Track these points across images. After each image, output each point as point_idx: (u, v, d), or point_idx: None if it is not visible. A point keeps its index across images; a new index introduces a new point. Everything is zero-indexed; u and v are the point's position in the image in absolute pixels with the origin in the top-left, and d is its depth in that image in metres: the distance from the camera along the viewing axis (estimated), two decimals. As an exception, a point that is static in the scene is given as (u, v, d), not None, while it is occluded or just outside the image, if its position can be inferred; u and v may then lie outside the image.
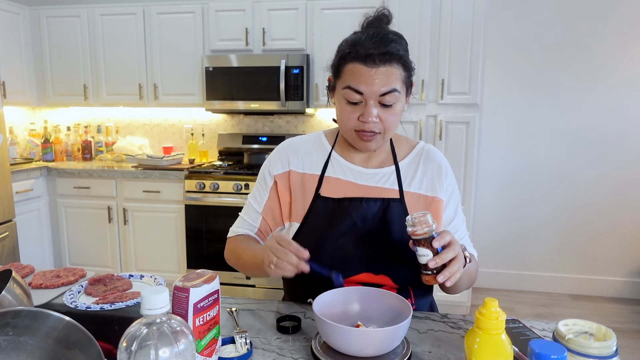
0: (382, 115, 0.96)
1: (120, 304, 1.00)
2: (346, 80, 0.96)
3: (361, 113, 0.96)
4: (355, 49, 0.94)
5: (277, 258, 0.86)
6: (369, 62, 0.92)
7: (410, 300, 1.05)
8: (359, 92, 0.94)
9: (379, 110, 0.95)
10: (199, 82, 3.23)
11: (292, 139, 1.16)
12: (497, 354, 0.64)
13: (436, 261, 0.81)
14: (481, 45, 2.67)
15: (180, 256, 3.11)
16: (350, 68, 0.95)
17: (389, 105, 0.95)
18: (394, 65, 0.93)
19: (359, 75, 0.93)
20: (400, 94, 0.96)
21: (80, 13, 3.34)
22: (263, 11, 3.08)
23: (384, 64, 0.92)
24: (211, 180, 2.93)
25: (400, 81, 0.95)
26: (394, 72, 0.93)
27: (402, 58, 0.95)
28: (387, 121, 0.97)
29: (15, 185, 2.91)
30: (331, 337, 0.78)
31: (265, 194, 1.13)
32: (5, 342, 0.65)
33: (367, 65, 0.92)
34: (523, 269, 3.32)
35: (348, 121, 0.98)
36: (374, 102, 0.94)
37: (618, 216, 3.15)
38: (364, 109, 0.95)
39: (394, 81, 0.93)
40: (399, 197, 1.04)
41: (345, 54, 0.96)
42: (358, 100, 0.95)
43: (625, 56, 3.02)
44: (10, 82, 3.23)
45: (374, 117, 0.95)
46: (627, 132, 3.08)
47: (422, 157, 1.10)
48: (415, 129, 2.80)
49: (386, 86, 0.93)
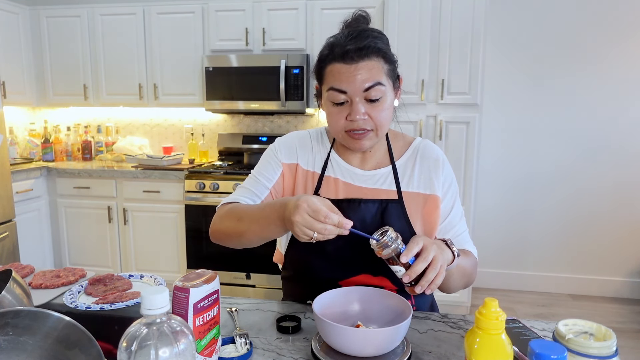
0: (371, 112, 0.94)
1: (120, 304, 1.00)
2: (329, 82, 0.95)
3: (348, 112, 0.95)
4: (332, 50, 0.94)
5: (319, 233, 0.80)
6: (348, 60, 0.92)
7: (410, 301, 1.05)
8: (342, 92, 0.93)
9: (366, 107, 0.94)
10: (199, 82, 3.23)
11: (298, 132, 1.14)
12: (497, 354, 0.64)
13: (409, 275, 0.80)
14: (481, 45, 2.67)
15: (180, 256, 3.11)
16: (331, 69, 0.95)
17: (376, 99, 0.94)
18: (373, 59, 0.92)
19: (339, 74, 0.93)
20: (385, 87, 0.94)
21: (80, 13, 3.34)
22: (263, 11, 3.08)
23: (363, 58, 0.91)
24: (211, 180, 2.93)
25: (384, 74, 0.94)
26: (375, 66, 0.92)
27: (382, 50, 0.94)
28: (376, 117, 0.95)
29: (15, 185, 2.91)
30: (331, 337, 0.78)
31: (274, 174, 1.07)
32: (5, 342, 0.65)
33: (346, 63, 0.92)
34: (523, 269, 3.32)
35: (337, 123, 0.97)
36: (360, 99, 0.93)
37: (618, 216, 3.15)
38: (351, 107, 0.94)
39: (376, 75, 0.92)
40: (398, 198, 1.03)
41: (324, 56, 0.96)
42: (343, 100, 0.94)
43: (625, 56, 3.02)
44: (10, 82, 3.23)
45: (361, 115, 0.93)
46: (627, 132, 3.08)
47: (419, 153, 1.08)
48: (415, 129, 2.80)
49: (368, 81, 0.92)
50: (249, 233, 0.95)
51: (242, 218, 0.96)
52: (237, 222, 0.97)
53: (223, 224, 1.01)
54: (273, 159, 1.09)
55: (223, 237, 1.02)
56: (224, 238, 1.03)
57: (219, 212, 1.05)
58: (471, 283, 1.04)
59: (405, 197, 1.03)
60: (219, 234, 1.03)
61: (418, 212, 1.04)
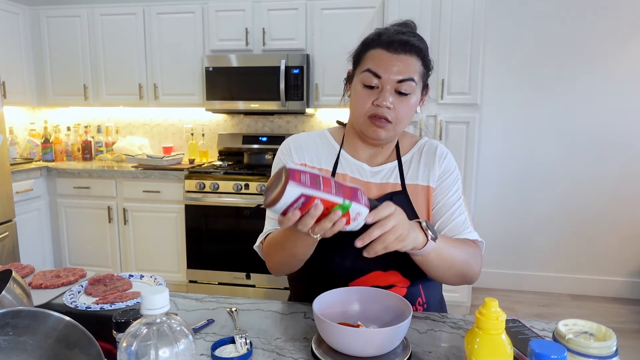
0: (397, 104, 0.97)
1: (120, 304, 1.00)
2: (367, 64, 0.99)
3: (376, 98, 0.98)
4: (379, 37, 0.99)
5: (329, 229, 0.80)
6: (392, 49, 0.96)
7: (420, 299, 1.06)
8: (377, 76, 0.97)
9: (394, 98, 0.97)
10: (199, 82, 3.23)
11: (297, 135, 1.14)
12: (497, 354, 0.64)
13: (363, 239, 0.77)
14: (481, 45, 2.67)
15: (180, 256, 3.11)
16: (372, 53, 0.98)
17: (405, 94, 0.97)
18: (413, 56, 0.97)
19: (379, 59, 0.97)
20: (416, 86, 0.98)
21: (80, 13, 3.34)
22: (263, 11, 3.08)
23: (405, 52, 0.96)
24: (211, 180, 2.93)
25: (418, 74, 0.98)
26: (413, 63, 0.97)
27: (422, 52, 0.99)
28: (400, 111, 0.98)
29: (15, 185, 2.91)
30: (331, 337, 0.78)
31: None
32: (5, 342, 0.65)
33: (388, 51, 0.96)
34: (523, 269, 3.32)
35: (363, 105, 0.99)
36: (391, 89, 0.97)
37: (618, 216, 3.15)
38: (380, 94, 0.97)
39: (412, 71, 0.97)
40: (402, 190, 1.05)
41: (370, 41, 1.00)
42: (375, 84, 0.97)
43: (625, 55, 3.02)
44: (10, 82, 3.23)
45: (389, 103, 0.96)
46: (627, 131, 3.08)
47: (424, 150, 1.11)
48: (416, 129, 2.80)
49: (404, 74, 0.96)
50: (299, 253, 0.94)
51: (284, 245, 0.95)
52: (283, 251, 0.96)
53: (274, 260, 1.01)
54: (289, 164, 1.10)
55: (283, 267, 1.02)
56: (285, 269, 1.02)
57: (264, 250, 1.04)
58: (470, 276, 1.00)
59: (409, 190, 1.06)
60: (279, 269, 1.03)
61: (421, 203, 1.06)
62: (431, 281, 1.08)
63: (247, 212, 2.88)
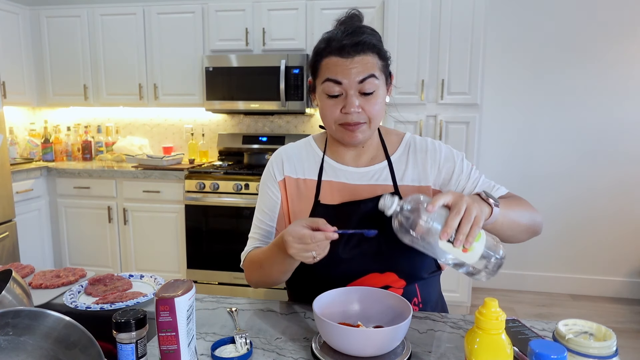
0: (364, 105, 0.98)
1: (120, 304, 1.00)
2: (324, 74, 0.99)
3: (343, 105, 0.98)
4: (329, 44, 0.98)
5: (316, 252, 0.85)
6: (344, 54, 0.96)
7: (416, 299, 1.06)
8: (337, 83, 0.97)
9: (360, 100, 0.97)
10: (199, 82, 3.23)
11: (282, 147, 1.17)
12: (497, 354, 0.64)
13: (447, 232, 0.74)
14: (481, 45, 2.67)
15: (180, 256, 3.11)
16: (327, 62, 0.98)
17: (370, 93, 0.97)
18: (368, 54, 0.97)
19: (335, 67, 0.97)
20: (379, 81, 0.98)
21: (80, 13, 3.34)
22: (263, 11, 3.08)
23: (359, 53, 0.96)
24: (211, 180, 2.93)
25: (377, 69, 0.98)
26: (370, 61, 0.97)
27: (376, 47, 0.98)
28: (370, 110, 0.98)
29: (15, 185, 2.91)
30: (331, 337, 0.78)
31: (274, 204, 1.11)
32: (5, 342, 0.65)
33: (342, 57, 0.96)
34: (523, 269, 3.32)
35: (331, 115, 1.00)
36: (354, 92, 0.97)
37: (618, 216, 3.15)
38: (345, 100, 0.97)
39: (370, 68, 0.96)
40: (394, 191, 1.05)
41: (321, 50, 1.00)
42: (338, 92, 0.98)
43: (624, 56, 3.02)
44: (10, 82, 3.23)
45: (356, 107, 0.97)
46: (628, 131, 3.08)
47: (411, 149, 1.10)
48: (415, 129, 2.80)
49: (363, 73, 0.96)
50: (275, 273, 1.00)
51: (263, 265, 1.02)
52: (261, 270, 1.03)
53: (252, 276, 1.08)
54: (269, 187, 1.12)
55: (260, 284, 1.08)
56: (261, 284, 1.08)
57: (244, 265, 1.11)
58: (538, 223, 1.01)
59: (401, 190, 1.05)
60: (255, 283, 1.09)
61: None
62: (428, 281, 1.07)
63: (247, 212, 2.88)
